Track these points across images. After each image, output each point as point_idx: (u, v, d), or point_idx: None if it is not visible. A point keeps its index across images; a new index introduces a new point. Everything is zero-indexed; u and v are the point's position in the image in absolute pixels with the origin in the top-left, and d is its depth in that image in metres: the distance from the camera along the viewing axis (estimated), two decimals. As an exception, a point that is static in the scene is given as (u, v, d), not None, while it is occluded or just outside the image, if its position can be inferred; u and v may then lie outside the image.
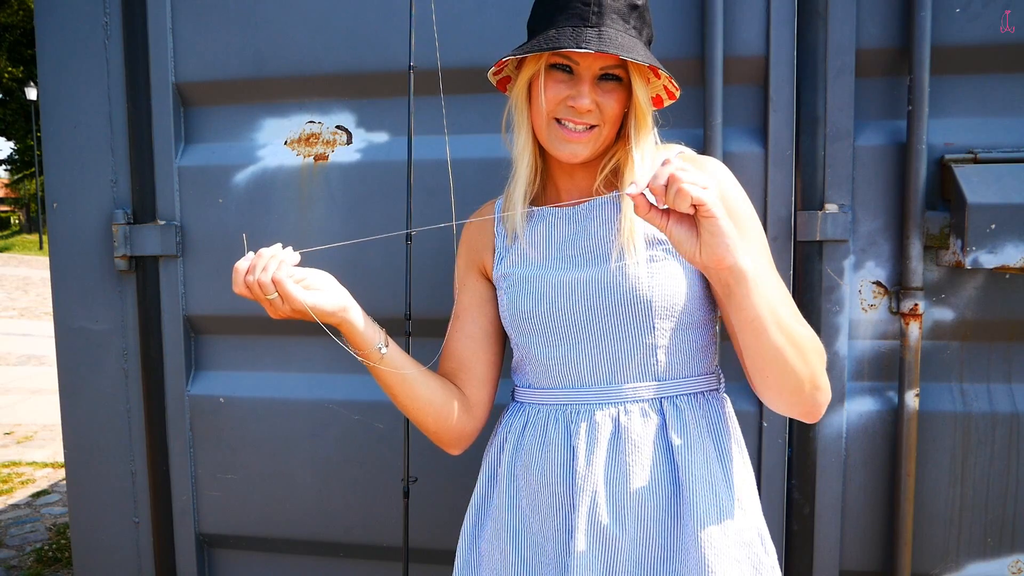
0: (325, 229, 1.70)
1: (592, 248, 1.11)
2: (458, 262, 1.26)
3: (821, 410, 1.03)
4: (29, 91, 21.80)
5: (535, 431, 1.13)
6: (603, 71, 1.06)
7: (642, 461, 1.06)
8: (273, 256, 1.01)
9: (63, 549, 3.34)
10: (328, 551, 1.81)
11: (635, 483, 1.06)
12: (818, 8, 1.47)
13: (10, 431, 5.28)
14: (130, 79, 1.71)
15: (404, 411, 1.17)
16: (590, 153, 1.09)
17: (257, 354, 1.79)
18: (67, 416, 1.85)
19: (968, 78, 1.49)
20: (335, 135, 1.70)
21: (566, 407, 1.11)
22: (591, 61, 1.05)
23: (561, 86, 1.06)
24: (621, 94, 1.07)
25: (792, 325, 0.98)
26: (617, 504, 1.06)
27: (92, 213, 1.77)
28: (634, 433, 1.07)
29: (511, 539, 1.12)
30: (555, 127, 1.08)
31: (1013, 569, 1.56)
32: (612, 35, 1.02)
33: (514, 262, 1.17)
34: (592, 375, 1.10)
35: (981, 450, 1.54)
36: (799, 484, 1.56)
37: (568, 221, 1.15)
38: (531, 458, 1.12)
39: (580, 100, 1.04)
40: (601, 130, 1.08)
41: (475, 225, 1.26)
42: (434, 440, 1.19)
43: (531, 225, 1.17)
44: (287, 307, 1.01)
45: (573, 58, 1.05)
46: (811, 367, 0.99)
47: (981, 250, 1.40)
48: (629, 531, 1.05)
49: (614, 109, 1.07)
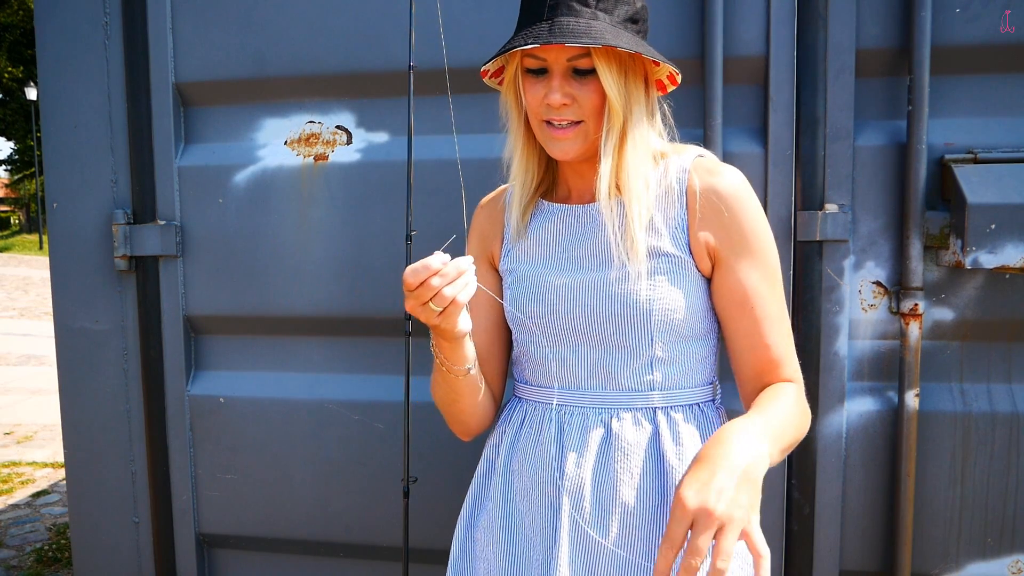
0: (325, 229, 1.70)
1: (596, 252, 1.10)
2: (468, 249, 1.25)
3: None
4: (29, 91, 21.79)
5: (531, 428, 1.14)
6: (571, 62, 1.02)
7: (631, 468, 1.06)
8: (467, 284, 0.94)
9: (63, 549, 3.34)
10: (328, 551, 1.81)
11: (622, 490, 1.05)
12: (818, 8, 1.47)
13: (10, 431, 5.28)
14: (130, 79, 1.71)
15: (450, 411, 1.17)
16: (580, 149, 1.07)
17: (257, 354, 1.79)
18: (67, 416, 1.85)
19: (968, 78, 1.49)
20: (335, 135, 1.70)
21: (561, 408, 1.11)
22: (556, 55, 1.02)
23: (538, 87, 1.05)
24: (598, 84, 1.03)
25: (794, 438, 1.02)
26: (603, 509, 1.05)
27: (92, 213, 1.77)
28: (625, 440, 1.06)
29: (503, 531, 1.13)
30: (544, 128, 1.07)
31: (1013, 569, 1.56)
32: (564, 24, 0.99)
33: (519, 257, 1.16)
34: (588, 379, 1.10)
35: (981, 450, 1.54)
36: (799, 484, 1.56)
37: (575, 220, 1.13)
38: (525, 455, 1.13)
39: (551, 96, 1.02)
40: (586, 125, 1.05)
41: (485, 212, 1.25)
42: (459, 430, 1.20)
43: (540, 220, 1.16)
44: (437, 320, 0.95)
45: (539, 56, 1.03)
46: (799, 438, 1.04)
47: (981, 250, 1.40)
48: (613, 536, 1.05)
49: (593, 101, 1.03)
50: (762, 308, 1.06)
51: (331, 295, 1.71)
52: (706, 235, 1.06)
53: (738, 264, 1.06)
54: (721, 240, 1.06)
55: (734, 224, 1.05)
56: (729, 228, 1.05)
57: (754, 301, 1.06)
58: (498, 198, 1.25)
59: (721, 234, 1.06)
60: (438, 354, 1.07)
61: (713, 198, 1.05)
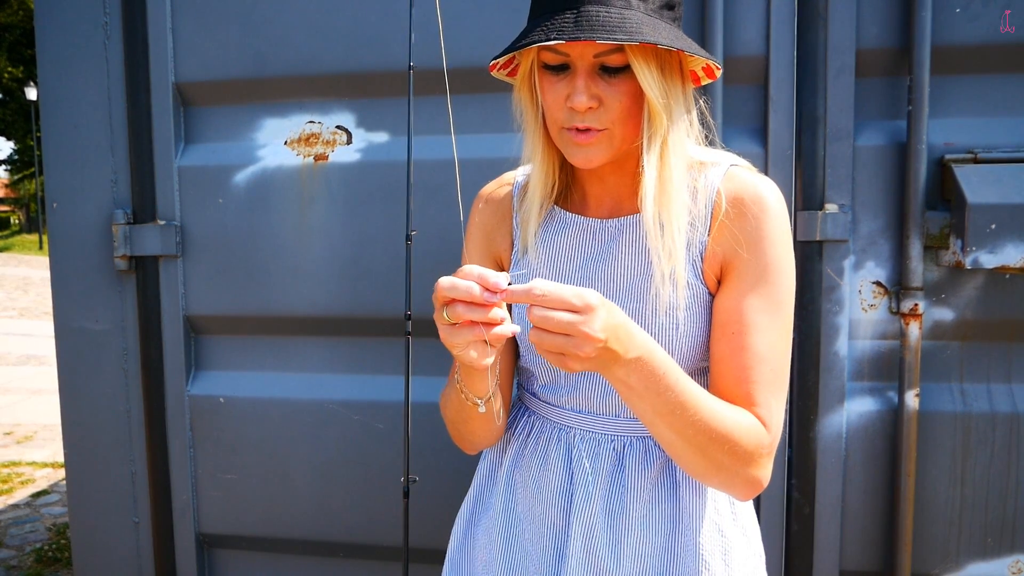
0: (325, 229, 1.70)
1: (618, 275, 0.99)
2: (468, 246, 1.13)
3: (747, 491, 0.93)
4: (29, 91, 21.78)
5: (537, 445, 1.09)
6: (599, 58, 0.89)
7: (643, 497, 1.02)
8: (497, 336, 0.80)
9: (63, 549, 3.34)
10: (328, 551, 1.81)
11: (634, 519, 1.01)
12: (818, 8, 1.47)
13: (10, 431, 5.28)
14: (130, 79, 1.71)
15: (457, 429, 1.10)
16: (608, 156, 0.94)
17: (257, 354, 1.79)
18: (67, 416, 1.85)
19: (968, 78, 1.49)
20: (335, 135, 1.70)
21: (571, 429, 1.06)
22: (581, 50, 0.89)
23: (558, 86, 0.92)
24: (629, 84, 0.90)
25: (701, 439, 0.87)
26: (614, 538, 1.02)
27: (92, 213, 1.77)
28: (636, 469, 1.02)
29: (503, 538, 1.11)
30: (565, 133, 0.94)
31: (1013, 569, 1.56)
32: (592, 14, 0.85)
33: (532, 273, 1.06)
34: (600, 405, 1.04)
35: (981, 450, 1.54)
36: (799, 484, 1.56)
37: (593, 236, 1.02)
38: (529, 471, 1.09)
39: (576, 98, 0.89)
40: (612, 132, 0.92)
41: (491, 207, 1.12)
42: (463, 446, 1.14)
43: (555, 231, 1.05)
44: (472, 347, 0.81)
45: (562, 51, 0.90)
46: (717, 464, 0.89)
47: (981, 250, 1.40)
48: (625, 566, 1.01)
49: (622, 103, 0.90)
50: (747, 338, 0.92)
51: (331, 295, 1.71)
52: (721, 247, 0.96)
53: (740, 282, 0.94)
54: (731, 251, 0.95)
55: (751, 238, 0.94)
56: (746, 240, 0.94)
57: (739, 327, 0.93)
58: (505, 192, 1.12)
59: (734, 245, 0.94)
60: (455, 371, 1.00)
61: (739, 206, 0.94)
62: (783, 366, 0.94)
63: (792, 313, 0.96)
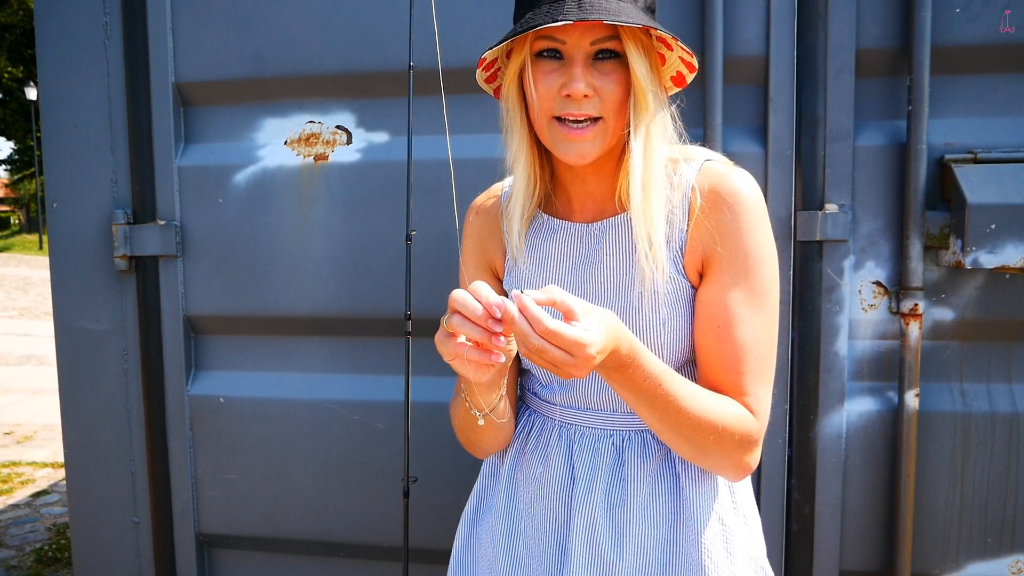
0: (325, 229, 1.70)
1: (604, 280, 1.02)
2: (464, 257, 1.16)
3: (737, 475, 0.98)
4: (29, 91, 21.79)
5: (538, 442, 1.11)
6: (595, 45, 0.91)
7: (644, 489, 1.03)
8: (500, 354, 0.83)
9: (63, 549, 3.34)
10: (328, 551, 1.81)
11: (636, 511, 1.03)
12: (818, 8, 1.47)
13: (10, 431, 5.28)
14: (130, 79, 1.71)
15: (466, 436, 1.12)
16: (600, 151, 0.95)
17: (257, 354, 1.79)
18: (67, 416, 1.85)
19: (968, 78, 1.49)
20: (335, 135, 1.70)
21: (571, 426, 1.08)
22: (578, 37, 0.90)
23: (552, 76, 0.93)
24: (622, 75, 0.92)
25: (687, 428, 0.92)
26: (616, 531, 1.03)
27: (92, 213, 1.77)
28: (636, 462, 1.04)
29: (505, 536, 1.12)
30: (556, 127, 0.94)
31: (1013, 569, 1.56)
32: (595, 0, 0.88)
33: (523, 281, 1.09)
34: (598, 401, 1.07)
35: (981, 450, 1.54)
36: (799, 484, 1.56)
37: (580, 240, 1.04)
38: (531, 469, 1.11)
39: (574, 85, 0.90)
40: (606, 122, 0.93)
41: (481, 219, 1.15)
42: (472, 451, 1.16)
43: (543, 238, 1.07)
44: (459, 362, 0.82)
45: (558, 37, 0.91)
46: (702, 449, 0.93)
47: (981, 250, 1.40)
48: (628, 559, 1.02)
49: (616, 93, 0.92)
50: (732, 330, 0.94)
51: (331, 295, 1.71)
52: (700, 242, 0.98)
53: (721, 276, 0.96)
54: (709, 246, 0.96)
55: (728, 231, 0.95)
56: (722, 234, 0.95)
57: (723, 320, 0.95)
58: (494, 203, 1.15)
59: (712, 239, 0.96)
60: (461, 380, 1.01)
61: (713, 200, 0.96)
62: (769, 355, 0.97)
63: (776, 301, 0.98)
